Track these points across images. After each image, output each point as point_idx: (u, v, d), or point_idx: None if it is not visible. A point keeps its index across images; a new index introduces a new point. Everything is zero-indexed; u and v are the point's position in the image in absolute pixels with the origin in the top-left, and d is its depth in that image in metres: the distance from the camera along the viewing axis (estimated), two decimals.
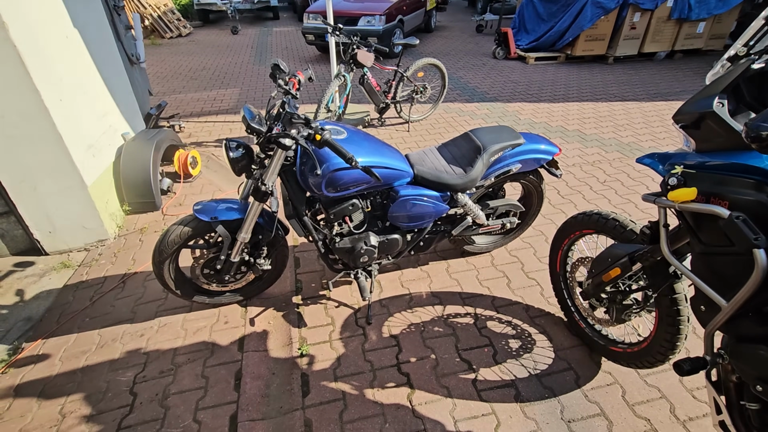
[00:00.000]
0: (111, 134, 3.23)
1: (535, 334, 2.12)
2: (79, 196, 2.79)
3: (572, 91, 5.88)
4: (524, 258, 2.65)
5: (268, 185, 1.76)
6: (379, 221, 2.17)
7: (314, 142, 1.54)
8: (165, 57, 8.37)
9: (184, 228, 1.88)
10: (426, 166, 2.08)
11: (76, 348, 2.14)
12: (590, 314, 1.93)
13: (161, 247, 1.90)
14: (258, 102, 5.67)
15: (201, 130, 4.79)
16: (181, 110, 5.39)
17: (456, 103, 5.54)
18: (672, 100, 5.42)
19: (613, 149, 4.13)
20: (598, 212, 1.81)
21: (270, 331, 2.18)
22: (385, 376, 1.92)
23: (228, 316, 2.26)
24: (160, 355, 2.05)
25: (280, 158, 1.72)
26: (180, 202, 3.37)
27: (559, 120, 4.88)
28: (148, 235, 2.99)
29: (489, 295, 2.37)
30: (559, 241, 2.06)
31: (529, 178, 2.34)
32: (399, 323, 2.20)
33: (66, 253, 2.91)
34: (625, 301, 1.67)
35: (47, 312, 2.42)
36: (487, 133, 2.17)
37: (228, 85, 6.55)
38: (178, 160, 3.56)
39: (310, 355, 2.04)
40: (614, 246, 1.65)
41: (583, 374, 1.91)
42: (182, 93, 6.16)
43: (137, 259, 2.77)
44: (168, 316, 2.28)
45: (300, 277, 2.54)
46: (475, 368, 1.95)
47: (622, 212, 3.11)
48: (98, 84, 3.17)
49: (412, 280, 2.49)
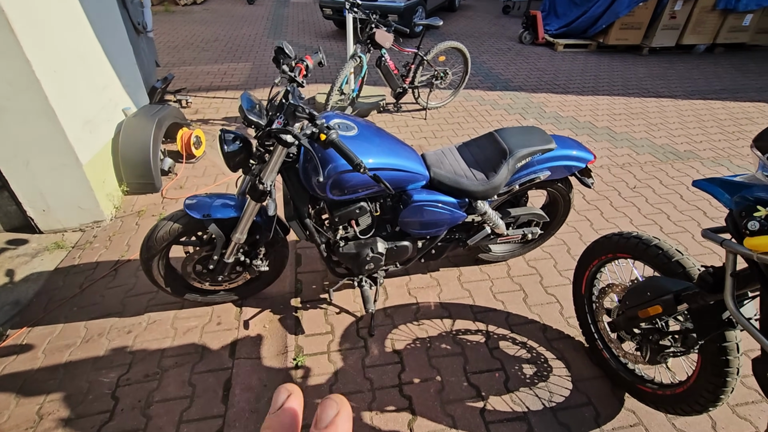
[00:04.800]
0: (111, 109, 3.05)
1: (552, 359, 1.94)
2: (73, 175, 2.63)
3: (603, 84, 5.51)
4: (543, 270, 2.45)
5: (266, 184, 1.57)
6: (388, 225, 1.97)
7: (319, 141, 1.33)
8: (177, 25, 8.10)
9: (174, 224, 1.71)
10: (444, 169, 1.86)
11: (61, 340, 2.02)
12: (617, 346, 1.74)
13: (149, 244, 1.74)
14: (270, 80, 5.43)
15: (208, 106, 4.59)
16: (189, 84, 5.18)
17: (477, 90, 5.22)
18: (711, 99, 5.04)
19: (644, 151, 3.83)
20: (637, 235, 1.59)
21: (265, 337, 2.03)
22: (385, 397, 1.76)
23: (221, 316, 2.12)
24: (146, 356, 1.92)
25: (280, 155, 1.53)
26: (181, 184, 3.21)
27: (587, 115, 4.56)
28: (146, 219, 2.85)
29: (503, 311, 2.18)
30: (587, 261, 1.85)
31: (556, 185, 2.11)
32: (403, 337, 2.03)
33: (61, 233, 2.79)
34: (661, 341, 1.47)
35: (36, 297, 2.30)
36: (514, 134, 1.94)
37: (240, 58, 6.29)
38: (181, 139, 3.38)
39: (305, 366, 1.88)
40: (655, 279, 1.44)
41: (603, 411, 1.73)
42: (192, 65, 5.93)
43: (132, 244, 2.63)
44: (158, 312, 2.14)
45: (300, 276, 2.38)
46: (484, 395, 1.78)
47: (652, 222, 2.86)
48: (98, 54, 2.97)
49: (420, 288, 2.31)
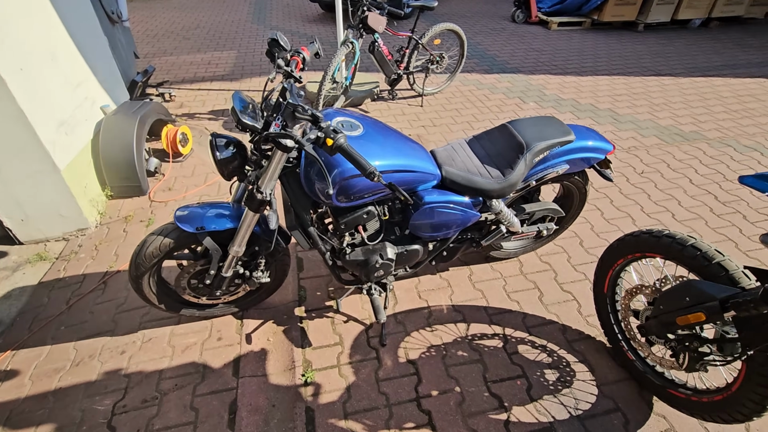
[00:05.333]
0: (87, 108, 2.83)
1: (574, 363, 1.85)
2: (51, 181, 2.44)
3: (601, 63, 5.35)
4: (557, 266, 2.34)
5: (265, 193, 1.41)
6: (396, 228, 1.84)
7: (324, 147, 1.18)
8: (155, 12, 7.71)
9: (164, 239, 1.55)
10: (456, 167, 1.72)
11: (49, 364, 1.87)
12: (646, 350, 1.64)
13: (137, 261, 1.58)
14: (256, 69, 5.18)
15: (194, 99, 4.35)
16: (172, 76, 4.91)
17: (473, 74, 5.04)
18: (712, 76, 4.92)
19: (650, 133, 3.71)
20: (670, 234, 1.47)
21: (269, 351, 1.90)
22: (402, 413, 1.66)
23: (222, 330, 1.98)
24: (143, 379, 1.79)
25: (280, 161, 1.37)
26: (169, 185, 3.02)
27: (588, 96, 4.42)
28: (134, 225, 2.67)
29: (519, 312, 2.08)
30: (611, 260, 1.74)
31: (573, 178, 1.99)
32: (417, 345, 1.92)
33: (42, 243, 2.61)
34: (701, 348, 1.37)
35: (19, 316, 2.14)
36: (529, 126, 1.79)
37: (224, 46, 6.00)
38: (166, 136, 3.18)
39: (315, 383, 1.77)
40: (695, 282, 1.33)
41: (632, 417, 1.64)
42: (173, 55, 5.64)
43: (121, 254, 2.46)
44: (153, 328, 1.99)
45: (303, 283, 2.24)
46: (507, 406, 1.68)
47: (663, 209, 2.76)
48: (70, 48, 2.73)
49: (430, 290, 2.19)
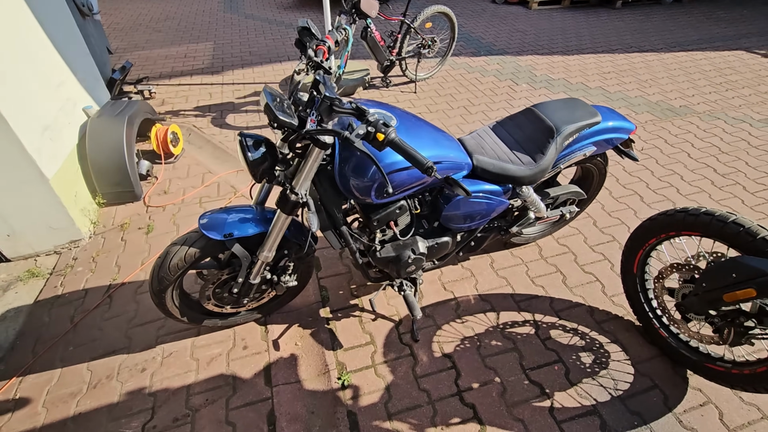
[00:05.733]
0: (70, 110, 2.63)
1: (607, 343, 1.86)
2: (39, 191, 2.26)
3: (585, 41, 5.38)
4: (575, 248, 2.35)
5: (300, 194, 1.33)
6: (424, 221, 1.79)
7: (374, 142, 1.10)
8: (120, 4, 7.27)
9: (189, 249, 1.45)
10: (487, 155, 1.67)
11: (63, 389, 1.75)
12: (682, 326, 1.66)
13: (161, 274, 1.48)
14: (237, 61, 4.95)
15: (175, 95, 4.13)
16: (149, 71, 4.65)
17: (461, 57, 4.98)
18: (692, 51, 5.02)
19: (642, 110, 3.76)
20: (709, 212, 1.48)
21: (300, 356, 1.83)
22: (446, 409, 1.63)
23: (246, 338, 1.90)
24: (170, 396, 1.69)
25: (317, 159, 1.28)
26: (164, 189, 2.86)
27: (578, 75, 4.44)
28: (132, 233, 2.52)
29: (545, 296, 2.08)
30: (641, 240, 1.74)
31: (595, 160, 1.98)
32: (450, 337, 1.89)
33: (33, 258, 2.43)
34: (746, 323, 1.39)
35: (19, 338, 1.99)
36: (557, 109, 1.76)
37: (199, 38, 5.71)
38: (155, 136, 3.00)
39: (353, 385, 1.72)
40: (742, 259, 1.34)
41: (670, 393, 1.67)
42: (146, 49, 5.33)
43: (123, 264, 2.32)
44: (172, 342, 1.89)
45: (324, 282, 2.17)
46: (548, 392, 1.68)
47: (668, 185, 2.81)
48: (46, 46, 2.52)
49: (454, 281, 2.16)
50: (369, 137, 1.09)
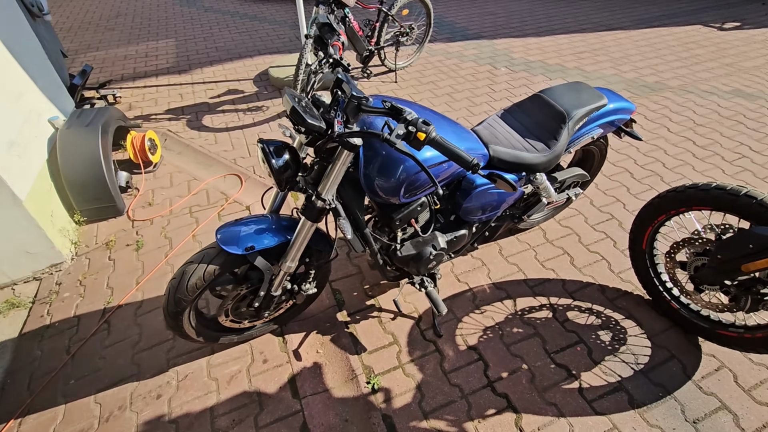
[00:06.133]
0: (35, 122, 2.40)
1: (622, 320, 1.91)
2: (12, 215, 2.07)
3: (555, 21, 5.45)
4: (578, 228, 2.39)
5: (327, 199, 1.26)
6: (440, 215, 1.76)
7: (414, 142, 1.05)
8: (64, 2, 6.71)
9: (207, 267, 1.35)
10: (502, 145, 1.65)
11: (71, 426, 1.62)
12: (694, 297, 1.72)
13: (177, 296, 1.38)
14: (203, 58, 4.70)
15: (143, 99, 3.87)
16: (108, 74, 4.34)
17: (437, 43, 4.94)
18: (657, 27, 5.20)
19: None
20: (720, 186, 1.52)
21: (323, 364, 1.78)
22: (480, 401, 1.63)
23: (265, 351, 1.82)
24: (193, 422, 1.60)
25: (345, 162, 1.22)
26: (148, 200, 2.68)
27: (554, 57, 4.50)
28: (120, 251, 2.35)
29: (557, 279, 2.11)
30: (651, 217, 1.78)
31: (598, 141, 2.00)
32: (471, 329, 1.89)
33: (9, 287, 2.23)
34: (763, 290, 1.46)
35: (8, 377, 1.83)
36: (564, 93, 1.76)
37: (158, 35, 5.37)
38: (132, 144, 2.80)
39: (384, 388, 1.69)
40: (758, 230, 1.39)
41: (688, 362, 1.74)
42: (100, 50, 4.96)
43: (115, 285, 2.17)
44: (185, 363, 1.79)
45: (336, 285, 2.11)
46: (575, 374, 1.71)
47: (654, 160, 2.91)
48: (1, 51, 2.27)
49: (467, 272, 2.16)
50: (410, 137, 1.04)
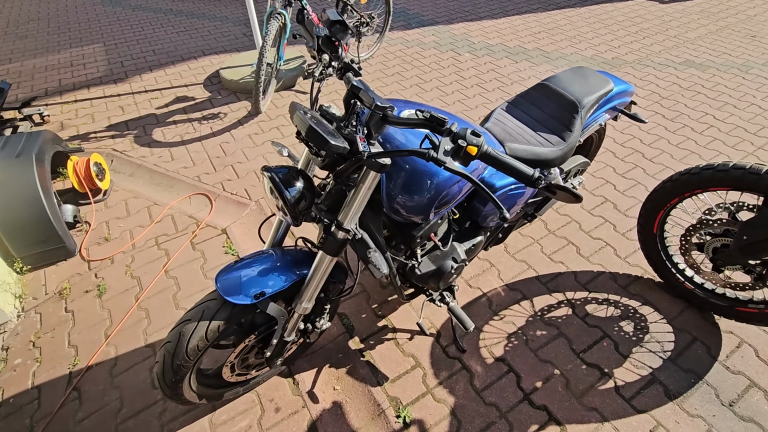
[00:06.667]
0: None
1: (639, 306, 1.88)
2: None
3: (506, 3, 5.43)
4: (577, 216, 2.35)
5: (351, 228, 1.07)
6: (455, 224, 1.61)
7: (463, 157, 0.88)
8: None
9: (210, 324, 1.12)
10: (517, 142, 1.52)
11: None
12: (711, 277, 1.71)
13: (176, 363, 1.13)
14: (141, 63, 4.21)
15: (76, 115, 3.39)
16: (29, 89, 3.76)
17: (394, 31, 4.75)
18: (602, 3, 5.32)
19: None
20: (738, 165, 1.49)
21: (344, 402, 1.60)
22: (520, 418, 1.53)
23: (275, 398, 1.61)
24: None
25: (372, 184, 1.02)
26: (104, 235, 2.32)
27: (513, 39, 4.46)
28: (78, 300, 2.01)
29: (568, 272, 2.05)
30: (662, 201, 1.74)
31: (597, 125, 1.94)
32: (494, 338, 1.78)
33: None
34: None
35: None
36: (572, 80, 1.66)
37: (81, 40, 4.76)
38: (74, 172, 2.41)
39: (416, 420, 1.53)
40: None
41: (710, 343, 1.74)
42: (15, 61, 4.31)
43: (79, 343, 1.84)
44: (184, 428, 1.53)
45: (341, 309, 1.91)
46: (608, 372, 1.65)
47: (631, 137, 2.94)
48: None
49: (477, 276, 2.04)
50: (460, 153, 0.86)
